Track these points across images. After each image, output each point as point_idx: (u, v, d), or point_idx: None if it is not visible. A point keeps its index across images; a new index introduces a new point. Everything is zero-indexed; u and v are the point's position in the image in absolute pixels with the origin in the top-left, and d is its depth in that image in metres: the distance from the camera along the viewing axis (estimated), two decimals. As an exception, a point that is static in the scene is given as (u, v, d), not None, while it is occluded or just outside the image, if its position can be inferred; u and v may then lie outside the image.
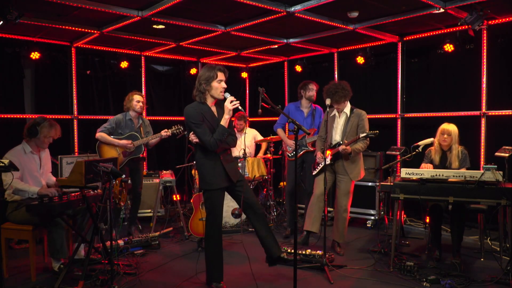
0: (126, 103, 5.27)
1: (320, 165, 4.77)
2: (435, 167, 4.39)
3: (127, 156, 5.15)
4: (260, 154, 6.67)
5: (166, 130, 5.30)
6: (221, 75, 3.50)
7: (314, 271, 4.13)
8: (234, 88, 8.64)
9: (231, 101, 3.41)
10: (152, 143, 5.36)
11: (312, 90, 5.39)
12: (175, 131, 5.36)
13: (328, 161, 4.66)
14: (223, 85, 3.51)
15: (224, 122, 3.46)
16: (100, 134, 5.11)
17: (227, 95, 3.47)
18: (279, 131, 5.58)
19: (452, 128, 4.38)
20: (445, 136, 4.36)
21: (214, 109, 3.59)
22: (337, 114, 4.77)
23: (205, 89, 3.50)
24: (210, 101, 3.57)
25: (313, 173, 4.88)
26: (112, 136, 5.12)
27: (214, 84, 3.49)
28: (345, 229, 4.77)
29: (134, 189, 5.33)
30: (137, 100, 5.25)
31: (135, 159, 5.22)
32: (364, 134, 4.53)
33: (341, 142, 4.63)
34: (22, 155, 4.02)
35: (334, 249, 4.75)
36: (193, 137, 3.57)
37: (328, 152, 4.65)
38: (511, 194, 3.69)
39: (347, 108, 4.73)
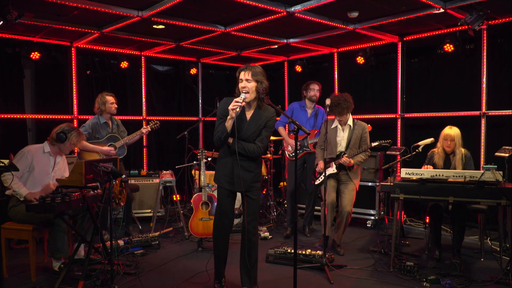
0: (99, 106, 5.17)
1: (322, 175, 4.69)
2: None
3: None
4: None
5: (145, 126, 5.35)
6: (241, 75, 3.34)
7: (314, 271, 4.13)
8: (234, 88, 8.63)
9: (235, 101, 3.23)
10: (132, 142, 5.36)
11: (313, 90, 5.38)
12: (153, 126, 5.40)
13: (334, 170, 4.66)
14: (242, 84, 3.32)
15: (226, 122, 3.29)
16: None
17: (241, 95, 3.30)
18: (280, 129, 5.58)
19: (454, 132, 4.34)
20: (449, 142, 4.34)
21: (248, 112, 3.41)
22: (339, 126, 4.75)
23: (239, 90, 3.40)
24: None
25: (316, 183, 4.86)
26: (89, 141, 5.08)
27: (239, 84, 3.38)
28: (345, 231, 4.78)
29: None
30: (111, 102, 5.21)
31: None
32: (377, 143, 4.50)
33: (345, 152, 4.64)
34: (39, 153, 4.13)
35: (334, 249, 4.75)
36: None
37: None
38: (511, 194, 3.69)
39: (350, 120, 4.73)
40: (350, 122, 4.72)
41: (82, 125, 5.18)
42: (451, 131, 4.35)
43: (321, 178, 4.73)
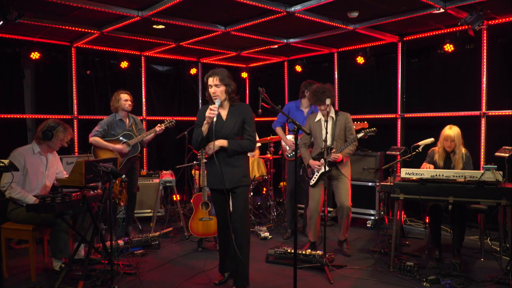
0: (113, 103, 5.22)
1: (316, 174, 4.63)
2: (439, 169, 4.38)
3: (124, 156, 5.13)
4: (254, 156, 6.64)
5: (159, 125, 5.32)
6: (209, 81, 3.51)
7: (314, 271, 4.13)
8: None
9: (210, 109, 3.39)
10: (147, 139, 5.36)
11: None
12: (168, 125, 5.37)
13: (326, 168, 4.60)
14: (212, 90, 3.50)
15: (203, 126, 3.47)
16: (94, 139, 5.07)
17: (216, 102, 3.45)
18: (278, 129, 5.56)
19: (454, 133, 4.34)
20: (449, 142, 4.35)
21: (223, 112, 3.58)
22: (322, 118, 4.63)
23: (209, 94, 3.57)
24: None
25: (311, 183, 4.69)
26: (105, 139, 5.10)
27: (209, 90, 3.55)
28: (349, 227, 4.73)
29: (129, 189, 5.22)
30: (125, 99, 5.22)
31: (131, 158, 5.20)
32: (362, 134, 4.48)
33: (332, 147, 4.60)
34: (29, 154, 4.10)
35: (341, 249, 4.70)
36: None
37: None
38: (511, 194, 3.69)
39: (332, 111, 4.66)
40: (332, 113, 4.65)
41: (99, 122, 5.20)
42: (451, 131, 4.35)
43: (316, 177, 4.65)
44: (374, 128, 4.47)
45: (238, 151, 3.50)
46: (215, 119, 3.43)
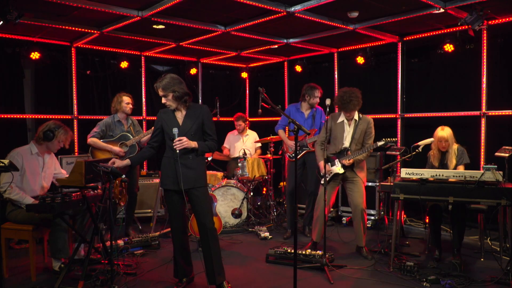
0: (114, 104, 5.26)
1: (327, 175, 4.56)
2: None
3: (122, 157, 5.13)
4: (255, 156, 6.64)
5: None
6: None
7: (314, 271, 4.13)
8: (234, 88, 8.65)
9: (178, 141, 3.44)
10: (144, 140, 5.37)
11: (316, 98, 5.30)
12: None
13: (339, 170, 4.58)
14: (163, 101, 3.68)
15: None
16: (92, 140, 5.09)
17: (174, 130, 3.53)
18: (280, 132, 5.56)
19: (447, 133, 4.44)
20: (443, 143, 4.46)
21: (180, 116, 3.65)
22: (346, 121, 4.67)
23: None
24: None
25: (322, 182, 4.59)
26: (103, 140, 5.12)
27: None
28: (366, 231, 4.69)
29: (130, 189, 5.22)
30: (127, 102, 5.25)
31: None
32: (383, 142, 4.46)
33: (349, 148, 4.60)
34: (27, 154, 4.11)
35: (361, 254, 4.63)
36: None
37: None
38: (511, 194, 3.69)
39: (356, 114, 4.67)
40: (356, 116, 4.67)
41: (98, 123, 5.22)
42: (444, 132, 4.45)
43: (328, 177, 4.60)
44: (395, 138, 4.52)
45: (206, 152, 3.60)
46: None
